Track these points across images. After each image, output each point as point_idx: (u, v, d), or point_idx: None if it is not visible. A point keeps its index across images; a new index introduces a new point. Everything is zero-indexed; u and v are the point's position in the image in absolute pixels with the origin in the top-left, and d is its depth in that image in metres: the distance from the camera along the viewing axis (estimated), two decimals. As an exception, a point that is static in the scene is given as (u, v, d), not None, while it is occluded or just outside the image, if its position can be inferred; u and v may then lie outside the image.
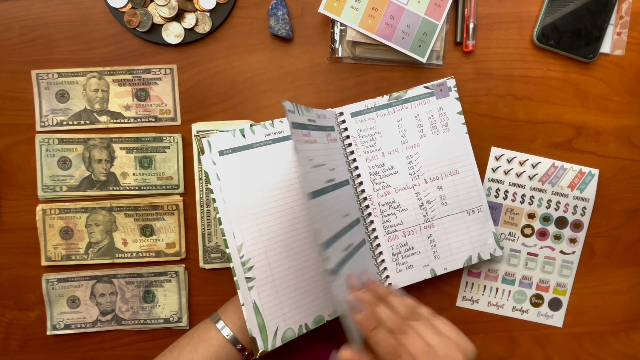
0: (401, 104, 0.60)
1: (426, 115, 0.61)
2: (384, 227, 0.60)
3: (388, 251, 0.60)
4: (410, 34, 0.59)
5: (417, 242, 0.61)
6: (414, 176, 0.61)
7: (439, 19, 0.59)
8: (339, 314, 0.54)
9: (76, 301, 0.63)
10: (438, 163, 0.61)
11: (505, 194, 0.63)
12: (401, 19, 0.58)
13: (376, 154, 0.60)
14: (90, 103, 0.61)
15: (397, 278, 0.60)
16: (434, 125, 0.61)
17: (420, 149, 0.60)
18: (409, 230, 0.61)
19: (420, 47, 0.59)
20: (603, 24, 0.61)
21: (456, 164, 0.61)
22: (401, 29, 0.59)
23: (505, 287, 0.65)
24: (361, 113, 0.60)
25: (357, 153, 0.60)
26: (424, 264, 0.61)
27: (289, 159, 0.56)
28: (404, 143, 0.60)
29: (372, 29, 0.58)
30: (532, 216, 0.63)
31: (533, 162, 0.63)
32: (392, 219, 0.60)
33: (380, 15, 0.58)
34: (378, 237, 0.60)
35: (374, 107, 0.60)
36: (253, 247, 0.54)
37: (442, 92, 0.61)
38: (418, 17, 0.59)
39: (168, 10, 0.59)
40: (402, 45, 0.59)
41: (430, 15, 0.59)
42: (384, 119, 0.60)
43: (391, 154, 0.60)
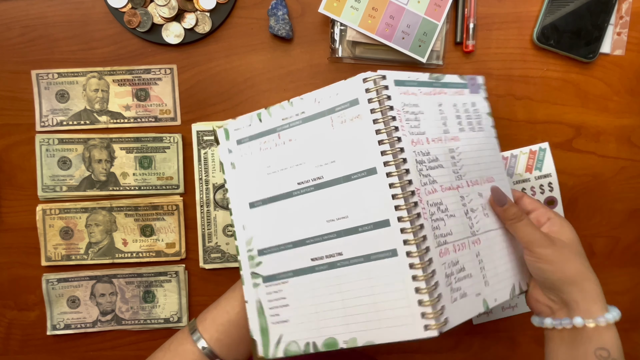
0: (440, 87, 0.49)
1: (463, 107, 0.50)
2: (434, 235, 0.42)
3: (441, 270, 0.42)
4: (410, 34, 0.59)
5: (468, 262, 0.45)
6: (457, 175, 0.47)
7: (439, 19, 0.59)
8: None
9: (76, 301, 0.63)
10: (477, 164, 0.49)
11: (532, 191, 0.62)
12: (401, 19, 0.58)
13: (421, 137, 0.45)
14: (90, 103, 0.61)
15: (453, 311, 0.41)
16: (470, 120, 0.50)
17: (460, 143, 0.48)
18: (459, 244, 0.44)
19: (420, 47, 0.59)
20: (603, 24, 0.61)
21: (490, 169, 0.50)
22: (401, 29, 0.59)
23: None
24: (405, 84, 0.46)
25: (402, 131, 0.43)
26: (477, 292, 0.44)
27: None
28: (445, 132, 0.47)
29: (372, 29, 0.58)
30: (553, 201, 0.63)
31: None
32: (441, 226, 0.43)
33: (380, 15, 0.58)
34: (429, 248, 0.41)
35: (417, 81, 0.47)
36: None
37: (474, 88, 0.52)
38: (418, 17, 0.59)
39: (168, 10, 0.59)
40: (402, 45, 0.59)
41: (430, 15, 0.59)
42: (427, 98, 0.47)
43: (435, 142, 0.46)
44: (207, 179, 0.62)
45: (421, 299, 0.40)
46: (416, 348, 0.65)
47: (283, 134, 0.47)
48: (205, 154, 0.61)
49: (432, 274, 0.41)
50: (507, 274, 0.48)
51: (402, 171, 0.42)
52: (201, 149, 0.61)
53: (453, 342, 0.65)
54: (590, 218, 0.64)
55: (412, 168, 0.42)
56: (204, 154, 0.61)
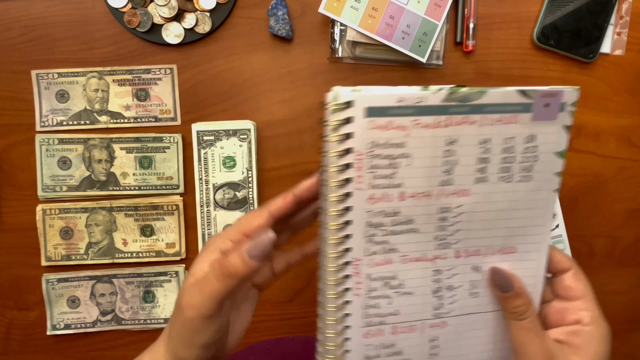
0: (466, 113, 0.33)
1: (502, 144, 0.35)
2: (365, 314, 0.36)
3: (359, 352, 0.37)
4: (410, 34, 0.59)
5: (410, 346, 0.38)
6: (440, 243, 0.36)
7: (439, 19, 0.59)
8: None
9: (76, 301, 0.63)
10: (489, 229, 0.36)
11: None
12: (401, 19, 0.58)
13: (390, 192, 0.34)
14: (90, 103, 0.61)
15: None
16: (508, 165, 0.35)
17: (468, 199, 0.35)
18: (405, 326, 0.37)
19: (420, 47, 0.59)
20: (603, 24, 0.61)
21: (516, 237, 0.37)
22: (401, 29, 0.59)
23: None
24: (386, 112, 0.32)
25: (357, 184, 0.33)
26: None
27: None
28: (444, 184, 0.35)
29: (372, 29, 0.58)
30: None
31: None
32: (382, 305, 0.36)
33: (380, 15, 0.58)
34: (351, 327, 0.36)
35: (414, 106, 0.32)
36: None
37: (548, 110, 0.34)
38: (418, 17, 0.59)
39: (168, 10, 0.59)
40: (402, 45, 0.59)
41: (430, 15, 0.59)
42: (425, 132, 0.33)
43: (416, 198, 0.34)
44: (207, 179, 0.62)
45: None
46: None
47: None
48: (205, 154, 0.61)
49: (345, 353, 0.36)
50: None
51: (340, 238, 0.34)
52: (201, 149, 0.61)
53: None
54: (590, 218, 0.64)
55: (358, 233, 0.34)
56: (204, 154, 0.61)
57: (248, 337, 0.63)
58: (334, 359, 0.36)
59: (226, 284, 0.33)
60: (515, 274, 0.37)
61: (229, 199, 0.62)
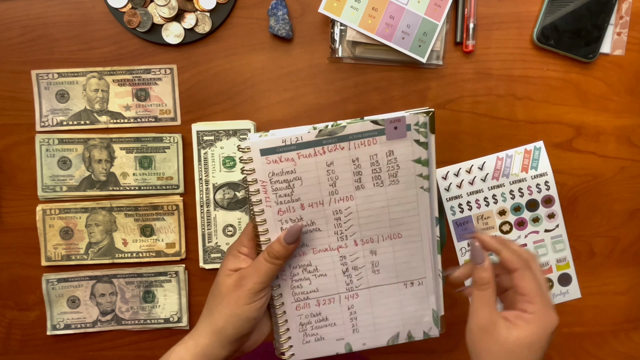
0: (335, 142, 0.44)
1: (369, 160, 0.45)
2: (292, 293, 0.49)
3: (295, 320, 0.49)
4: (410, 34, 0.59)
5: (334, 313, 0.50)
6: (340, 236, 0.47)
7: (439, 19, 0.59)
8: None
9: (76, 301, 0.63)
10: (376, 222, 0.47)
11: (469, 205, 0.63)
12: (401, 19, 0.58)
13: (292, 205, 0.46)
14: (90, 103, 0.61)
15: (303, 349, 0.50)
16: (377, 174, 0.46)
17: (353, 202, 0.46)
18: (325, 299, 0.49)
19: (420, 47, 0.59)
20: (603, 24, 0.61)
21: (400, 225, 0.47)
22: (401, 29, 0.59)
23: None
24: (276, 151, 0.44)
25: (267, 203, 0.45)
26: (339, 337, 0.50)
27: None
28: (332, 194, 0.46)
29: (372, 29, 0.58)
30: (503, 212, 0.63)
31: (478, 164, 0.62)
32: (304, 285, 0.49)
33: (380, 15, 0.58)
34: (284, 303, 0.49)
35: (295, 144, 0.44)
36: None
37: (397, 131, 0.45)
38: (418, 17, 0.59)
39: (168, 10, 0.59)
40: (402, 45, 0.59)
41: (430, 15, 0.59)
42: (309, 161, 0.44)
43: (313, 207, 0.46)
44: (207, 179, 0.62)
45: (275, 337, 0.50)
46: (416, 348, 0.65)
47: None
48: (205, 154, 0.61)
49: (285, 322, 0.49)
50: (390, 324, 0.51)
51: (263, 240, 0.46)
52: (201, 149, 0.61)
53: (453, 342, 0.65)
54: (590, 218, 0.64)
55: (274, 237, 0.46)
56: (204, 154, 0.61)
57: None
58: (282, 326, 0.50)
59: (273, 264, 0.44)
60: (487, 254, 0.46)
61: (229, 199, 0.62)
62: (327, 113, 0.62)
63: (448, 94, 0.62)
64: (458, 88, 0.62)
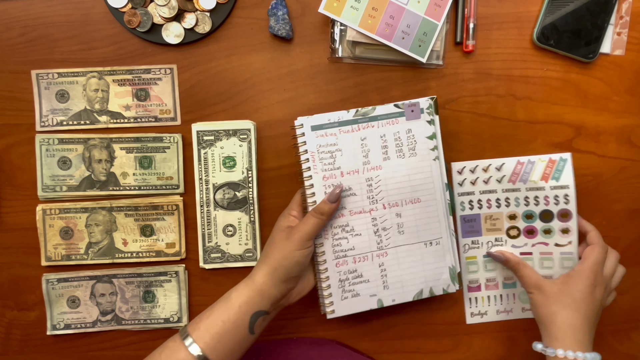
0: (367, 122, 0.56)
1: (393, 137, 0.57)
2: (333, 250, 0.57)
3: (335, 277, 0.57)
4: (410, 34, 0.59)
5: (367, 270, 0.58)
6: (372, 200, 0.57)
7: (439, 19, 0.59)
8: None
9: (76, 301, 0.63)
10: (399, 189, 0.57)
11: (479, 204, 0.62)
12: (401, 19, 0.58)
13: (334, 172, 0.56)
14: (90, 103, 0.61)
15: (341, 305, 0.58)
16: (400, 148, 0.57)
17: (382, 171, 0.57)
18: (360, 256, 0.58)
19: (420, 47, 0.59)
20: (603, 24, 0.61)
21: (418, 191, 0.58)
22: (401, 29, 0.59)
23: (508, 292, 0.64)
24: (323, 127, 0.56)
25: (314, 170, 0.56)
26: (372, 294, 0.58)
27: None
28: (365, 164, 0.57)
29: (372, 29, 0.58)
30: (513, 217, 0.61)
31: (497, 165, 0.61)
32: (343, 243, 0.57)
33: (380, 15, 0.58)
34: (326, 260, 0.57)
35: (338, 122, 0.56)
36: None
37: (413, 114, 0.57)
38: (418, 17, 0.59)
39: (168, 10, 0.59)
40: (402, 45, 0.59)
41: (430, 15, 0.59)
42: (347, 135, 0.56)
43: (350, 174, 0.57)
44: (207, 179, 0.62)
45: (320, 294, 0.59)
46: (415, 348, 0.65)
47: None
48: (205, 154, 0.61)
49: (327, 278, 0.57)
50: (414, 281, 0.59)
51: (312, 202, 0.56)
52: (201, 149, 0.61)
53: (453, 342, 0.65)
54: (590, 218, 0.64)
55: (320, 199, 0.56)
56: (204, 154, 0.61)
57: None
58: (324, 282, 0.57)
59: (318, 219, 0.54)
60: (504, 252, 0.61)
61: (229, 199, 0.62)
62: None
63: (448, 94, 0.62)
64: (458, 88, 0.62)
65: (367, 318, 0.64)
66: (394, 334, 0.65)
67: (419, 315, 0.65)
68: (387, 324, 0.65)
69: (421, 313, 0.65)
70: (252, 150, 0.61)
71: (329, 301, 0.58)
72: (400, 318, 0.65)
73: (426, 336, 0.65)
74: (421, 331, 0.65)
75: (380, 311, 0.64)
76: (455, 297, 0.65)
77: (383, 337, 0.65)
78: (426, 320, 0.65)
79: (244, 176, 0.62)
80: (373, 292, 0.58)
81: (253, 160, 0.62)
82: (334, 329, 0.64)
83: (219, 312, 0.52)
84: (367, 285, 0.58)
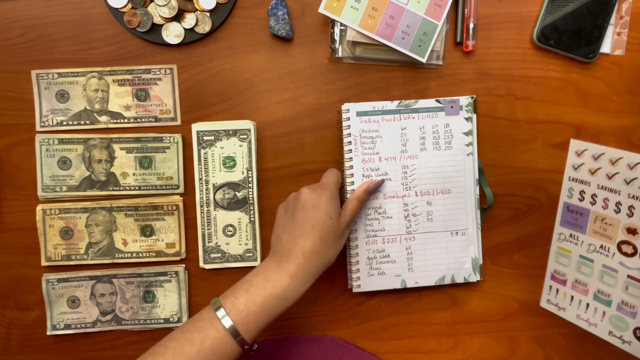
0: (409, 113, 0.60)
1: (431, 129, 0.60)
2: (364, 230, 0.61)
3: (364, 254, 0.61)
4: (410, 34, 0.59)
5: (395, 252, 0.61)
6: (405, 187, 0.61)
7: (439, 19, 0.59)
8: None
9: (76, 301, 0.63)
10: (432, 179, 0.61)
11: (593, 199, 0.52)
12: (401, 19, 0.58)
13: (373, 157, 0.60)
14: (90, 103, 0.61)
15: (367, 281, 0.61)
16: (437, 140, 0.60)
17: (417, 161, 0.60)
18: (389, 238, 0.61)
19: (420, 47, 0.59)
20: (603, 24, 0.61)
21: (449, 183, 0.61)
22: (401, 29, 0.59)
23: (598, 306, 0.55)
24: (367, 114, 0.60)
25: (355, 153, 0.60)
26: (397, 274, 0.62)
27: None
28: (403, 152, 0.60)
29: (372, 29, 0.58)
30: (634, 232, 0.50)
31: (630, 162, 0.49)
32: (374, 224, 0.61)
33: (380, 15, 0.58)
34: (358, 238, 0.61)
35: (381, 110, 0.60)
36: None
37: (453, 110, 0.60)
38: (418, 17, 0.59)
39: (168, 10, 0.59)
40: (402, 45, 0.59)
41: (431, 15, 0.59)
42: (389, 124, 0.60)
43: (388, 160, 0.60)
44: (207, 179, 0.62)
45: (349, 269, 0.62)
46: (415, 348, 0.65)
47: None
48: (205, 154, 0.61)
49: (357, 254, 0.61)
50: (438, 267, 0.62)
51: (348, 183, 0.60)
52: (201, 149, 0.61)
53: (453, 342, 0.65)
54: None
55: (358, 180, 0.60)
56: (204, 154, 0.61)
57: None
58: (354, 257, 0.61)
59: (359, 206, 0.57)
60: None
61: (229, 199, 0.62)
62: (327, 113, 0.62)
63: (448, 94, 0.62)
64: (458, 88, 0.62)
65: (367, 317, 0.64)
66: (394, 334, 0.65)
67: (419, 315, 0.65)
68: (387, 324, 0.65)
69: (421, 313, 0.65)
70: (252, 150, 0.61)
71: (356, 276, 0.61)
72: (400, 318, 0.65)
73: (426, 336, 0.65)
74: (421, 331, 0.65)
75: (380, 311, 0.64)
76: (456, 297, 0.65)
77: (383, 337, 0.65)
78: (426, 320, 0.65)
79: (244, 176, 0.62)
80: (398, 273, 0.62)
81: (253, 160, 0.62)
82: (334, 328, 0.64)
83: (258, 291, 0.51)
84: (393, 265, 0.61)
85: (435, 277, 0.62)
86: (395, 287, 0.62)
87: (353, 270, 0.61)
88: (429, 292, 0.64)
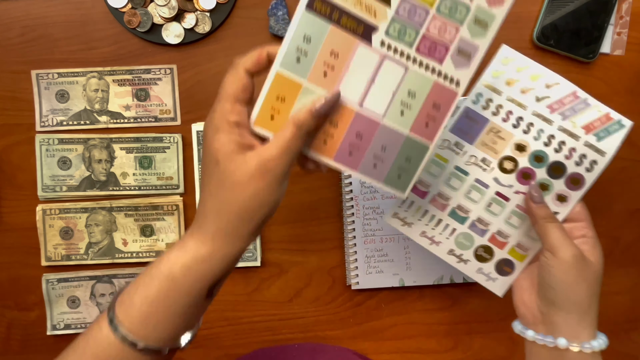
0: None
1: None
2: (363, 229, 0.62)
3: (362, 252, 0.62)
4: (385, 160, 0.42)
5: (393, 251, 0.62)
6: None
7: (432, 138, 0.42)
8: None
9: (76, 301, 0.63)
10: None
11: (497, 109, 0.49)
12: (373, 139, 0.42)
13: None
14: (90, 103, 0.61)
15: (365, 279, 0.62)
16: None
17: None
18: (387, 237, 0.62)
19: (400, 179, 0.43)
20: (603, 24, 0.61)
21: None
22: (373, 153, 0.42)
23: (450, 223, 0.51)
24: None
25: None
26: (394, 272, 0.63)
27: None
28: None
29: (329, 153, 0.41)
30: (522, 149, 0.49)
31: (548, 82, 0.49)
32: (372, 224, 0.62)
33: (341, 134, 0.41)
34: (356, 237, 0.62)
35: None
36: None
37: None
38: (399, 136, 0.42)
39: (168, 10, 0.59)
40: (374, 176, 0.43)
41: (419, 132, 0.42)
42: None
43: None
44: (207, 179, 0.62)
45: (347, 266, 0.63)
46: (415, 348, 0.65)
47: None
48: (205, 154, 0.61)
49: (355, 253, 0.62)
50: (436, 266, 0.62)
51: (346, 183, 0.61)
52: (201, 149, 0.61)
53: (453, 342, 0.65)
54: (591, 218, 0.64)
55: (356, 185, 0.61)
56: (204, 154, 0.61)
57: (247, 337, 0.63)
58: (352, 256, 0.62)
59: (301, 137, 0.38)
60: (535, 204, 0.48)
61: (229, 199, 0.62)
62: (327, 113, 0.62)
63: (448, 94, 0.62)
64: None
65: (367, 317, 0.64)
66: (394, 334, 0.65)
67: (419, 315, 0.65)
68: (387, 324, 0.65)
69: (421, 313, 0.65)
70: (252, 150, 0.61)
71: (355, 274, 0.62)
72: (400, 318, 0.65)
73: (426, 336, 0.65)
74: (421, 331, 0.65)
75: (380, 311, 0.64)
76: (456, 297, 0.65)
77: (383, 337, 0.65)
78: (426, 320, 0.65)
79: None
80: (396, 272, 0.63)
81: (253, 160, 0.61)
82: (334, 328, 0.64)
83: (144, 287, 0.39)
84: (391, 264, 0.62)
85: (434, 276, 0.63)
86: (393, 286, 0.63)
87: (351, 268, 0.62)
88: (429, 292, 0.64)
